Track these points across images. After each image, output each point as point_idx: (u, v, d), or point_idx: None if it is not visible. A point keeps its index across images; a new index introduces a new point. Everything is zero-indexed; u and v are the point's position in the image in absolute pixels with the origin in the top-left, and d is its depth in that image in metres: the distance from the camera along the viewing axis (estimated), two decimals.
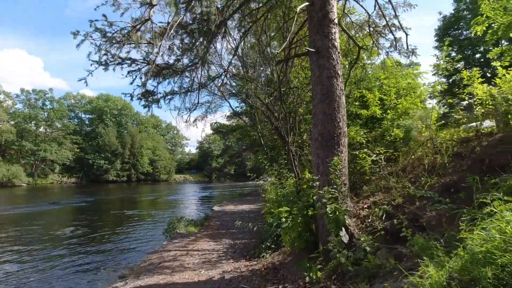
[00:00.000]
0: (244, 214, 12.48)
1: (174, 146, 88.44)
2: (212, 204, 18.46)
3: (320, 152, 4.76)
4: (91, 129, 69.86)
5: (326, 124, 4.75)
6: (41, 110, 62.09)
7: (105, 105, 70.11)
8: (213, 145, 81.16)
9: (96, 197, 27.04)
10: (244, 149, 33.28)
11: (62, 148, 61.26)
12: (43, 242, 9.85)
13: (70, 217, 15.69)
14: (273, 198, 7.09)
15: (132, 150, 66.68)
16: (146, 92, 5.81)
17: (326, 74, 4.84)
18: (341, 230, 4.14)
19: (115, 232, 11.33)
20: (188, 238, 7.90)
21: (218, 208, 14.50)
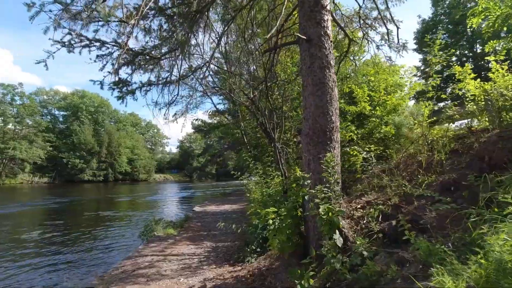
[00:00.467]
0: (226, 214, 12.00)
1: (154, 145, 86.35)
2: (193, 204, 17.80)
3: (311, 148, 4.39)
4: (66, 126, 66.73)
5: (318, 118, 4.39)
6: (10, 106, 58.50)
7: (81, 102, 67.31)
8: (194, 144, 79.88)
9: (68, 198, 25.59)
10: (226, 148, 32.70)
11: (33, 146, 58.08)
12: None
13: (38, 220, 14.58)
14: (258, 198, 6.68)
15: (110, 149, 64.45)
16: (119, 81, 5.23)
17: (318, 64, 4.48)
18: (335, 232, 3.79)
19: (86, 236, 10.53)
20: (166, 241, 7.34)
21: (199, 208, 13.92)
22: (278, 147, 6.39)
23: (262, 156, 12.46)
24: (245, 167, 17.76)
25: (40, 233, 11.09)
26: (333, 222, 3.72)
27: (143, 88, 5.64)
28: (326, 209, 3.75)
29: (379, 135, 6.78)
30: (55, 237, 10.42)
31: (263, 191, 6.48)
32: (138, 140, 73.21)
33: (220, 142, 33.10)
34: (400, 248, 3.50)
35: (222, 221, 6.53)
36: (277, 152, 6.48)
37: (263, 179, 6.80)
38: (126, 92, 5.47)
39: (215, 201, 17.63)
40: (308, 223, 4.39)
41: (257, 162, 8.44)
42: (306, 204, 4.39)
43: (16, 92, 59.98)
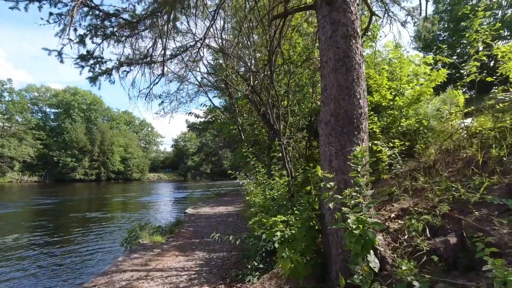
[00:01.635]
0: (221, 218, 10.97)
1: (148, 143, 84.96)
2: (186, 205, 16.72)
3: (333, 140, 3.39)
4: (57, 124, 65.14)
5: (342, 102, 3.40)
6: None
7: (73, 99, 65.84)
8: (189, 143, 78.59)
9: (57, 198, 24.31)
10: (221, 147, 31.58)
11: (22, 144, 56.52)
12: None
13: (18, 222, 13.39)
14: (260, 201, 5.67)
15: (102, 147, 63.09)
16: (88, 54, 4.18)
17: (342, 32, 3.49)
18: (369, 253, 2.81)
19: (66, 241, 9.43)
20: (151, 252, 6.29)
21: (192, 210, 12.85)
22: (283, 141, 5.39)
23: (261, 154, 11.46)
24: (242, 166, 16.75)
25: (16, 237, 9.96)
26: (368, 239, 2.73)
27: (121, 68, 4.62)
28: (358, 221, 2.76)
29: (401, 128, 5.83)
30: (31, 242, 9.32)
31: (266, 193, 5.48)
32: (131, 139, 71.81)
33: (215, 141, 31.96)
34: (464, 277, 2.53)
35: (216, 231, 5.53)
36: (282, 148, 5.48)
37: (265, 180, 5.79)
38: (100, 73, 4.44)
39: (209, 202, 16.56)
40: (328, 238, 3.39)
41: (258, 160, 7.46)
42: (327, 213, 3.39)
43: (5, 88, 58.44)
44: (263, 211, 5.60)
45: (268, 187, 5.65)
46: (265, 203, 5.40)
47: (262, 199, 5.46)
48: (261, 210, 5.66)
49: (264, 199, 5.35)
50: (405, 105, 6.08)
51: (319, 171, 3.10)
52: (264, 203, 5.45)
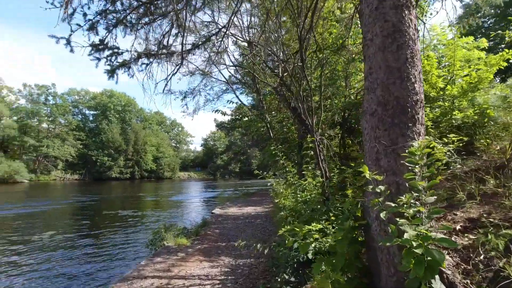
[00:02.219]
0: (249, 219, 10.54)
1: (178, 143, 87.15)
2: (214, 205, 16.55)
3: (382, 134, 2.77)
4: (95, 125, 68.78)
5: (392, 87, 2.76)
6: (44, 106, 61.10)
7: (109, 101, 69.09)
8: (218, 142, 79.53)
9: (93, 196, 25.45)
10: (250, 145, 31.29)
11: (65, 144, 60.37)
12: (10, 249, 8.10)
13: (55, 219, 13.94)
14: (290, 204, 5.13)
15: (136, 147, 65.60)
16: (101, 43, 3.89)
17: (391, 2, 2.86)
18: (435, 278, 2.17)
19: (96, 239, 9.52)
20: (175, 255, 5.98)
21: (219, 211, 12.57)
22: (317, 138, 4.80)
23: (291, 153, 10.87)
24: (270, 165, 16.24)
25: (51, 235, 10.26)
26: (433, 260, 2.10)
27: (139, 60, 4.30)
28: (419, 236, 2.14)
29: (455, 122, 4.99)
30: (64, 240, 9.52)
31: (297, 196, 4.93)
32: (163, 138, 74.01)
33: (243, 139, 31.74)
34: None
35: (243, 234, 5.06)
36: (315, 145, 4.89)
37: (296, 180, 5.23)
38: (117, 65, 4.16)
39: (237, 202, 16.25)
40: (376, 253, 2.78)
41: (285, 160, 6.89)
42: (373, 223, 2.78)
43: (50, 92, 62.62)
44: (294, 215, 5.05)
45: (299, 189, 5.09)
46: (296, 206, 4.85)
47: (293, 202, 4.91)
48: (291, 214, 5.12)
49: (296, 202, 4.80)
50: (459, 95, 5.21)
51: (366, 172, 2.49)
52: (295, 207, 4.90)
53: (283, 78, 5.68)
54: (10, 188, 34.84)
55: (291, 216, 5.20)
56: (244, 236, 7.66)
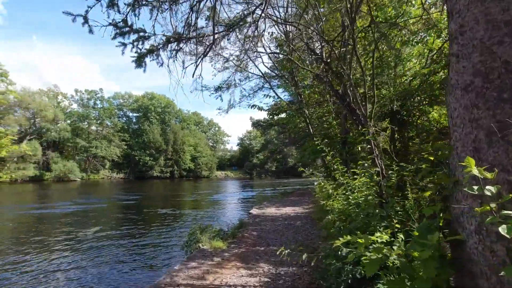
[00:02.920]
0: (288, 220, 9.87)
1: (215, 142, 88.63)
2: (251, 205, 16.13)
3: (483, 115, 1.99)
4: (138, 126, 72.21)
5: (498, 48, 1.97)
6: (93, 109, 65.49)
7: (150, 103, 72.08)
8: (254, 142, 79.56)
9: (136, 194, 26.51)
10: (286, 144, 30.53)
11: (111, 145, 64.10)
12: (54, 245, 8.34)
13: (99, 217, 14.47)
14: (339, 207, 4.40)
15: (175, 146, 67.68)
16: (125, 25, 3.50)
17: None
18: None
19: (132, 239, 9.52)
20: (210, 260, 5.54)
21: (257, 211, 12.06)
22: (371, 130, 4.03)
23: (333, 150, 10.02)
24: (310, 163, 15.43)
25: (91, 233, 10.48)
26: None
27: (169, 45, 3.89)
28: None
29: None
30: (100, 239, 9.63)
31: (348, 197, 4.20)
32: (200, 138, 75.64)
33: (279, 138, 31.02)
34: None
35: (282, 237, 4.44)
36: (372, 138, 4.10)
37: (346, 180, 4.49)
38: (145, 52, 3.78)
39: (274, 202, 15.65)
40: (472, 279, 2.01)
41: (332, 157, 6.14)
42: (472, 238, 2.01)
43: (98, 96, 67.02)
44: (344, 219, 4.32)
45: (350, 189, 4.35)
46: (347, 210, 4.12)
47: (344, 204, 4.19)
48: (341, 218, 4.39)
49: (347, 205, 4.08)
50: None
51: (473, 165, 1.73)
52: (345, 210, 4.17)
53: (329, 62, 4.95)
54: (65, 186, 37.68)
55: (340, 221, 4.47)
56: (284, 240, 7.04)
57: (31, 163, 50.98)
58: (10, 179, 46.36)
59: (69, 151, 61.77)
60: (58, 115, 58.08)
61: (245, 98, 11.40)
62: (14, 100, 51.71)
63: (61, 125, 59.22)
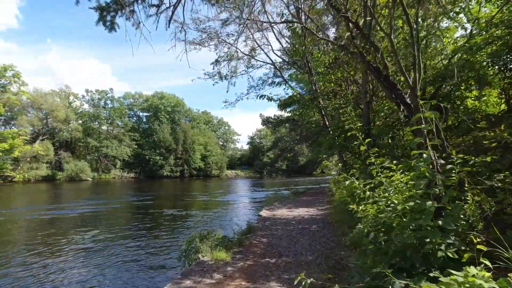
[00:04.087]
0: (303, 224, 8.78)
1: (225, 141, 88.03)
2: (260, 206, 15.09)
3: None
4: (148, 126, 72.21)
5: None
6: (103, 109, 65.70)
7: (160, 103, 71.99)
8: (265, 140, 78.56)
9: (146, 194, 25.92)
10: (298, 141, 29.34)
11: (122, 144, 64.15)
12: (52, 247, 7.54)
13: (103, 218, 13.76)
14: (383, 217, 3.27)
15: (185, 146, 67.35)
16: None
17: None
18: None
19: (130, 244, 8.64)
20: (209, 278, 4.51)
21: (267, 213, 11.00)
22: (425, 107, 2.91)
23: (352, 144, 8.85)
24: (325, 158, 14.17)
25: (91, 236, 9.73)
26: None
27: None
28: None
29: None
30: (100, 242, 8.81)
31: (391, 201, 3.10)
32: (210, 137, 75.09)
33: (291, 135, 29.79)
34: None
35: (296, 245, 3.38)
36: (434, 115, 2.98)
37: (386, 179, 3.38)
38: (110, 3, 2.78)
39: (286, 203, 14.54)
40: None
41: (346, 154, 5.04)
42: None
43: (108, 96, 67.22)
44: (384, 230, 3.22)
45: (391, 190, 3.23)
46: (389, 219, 3.01)
47: (384, 211, 3.09)
48: (378, 229, 3.29)
49: (391, 211, 2.97)
50: None
51: None
52: (386, 219, 3.05)
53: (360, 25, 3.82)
54: (77, 186, 37.55)
55: (376, 231, 3.37)
56: (299, 249, 5.96)
57: (44, 163, 51.43)
58: (23, 179, 46.76)
59: (81, 151, 62.20)
60: (70, 115, 58.47)
61: (253, 90, 10.38)
62: (27, 100, 52.34)
63: (73, 125, 59.63)
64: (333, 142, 8.40)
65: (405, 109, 3.11)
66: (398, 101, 3.19)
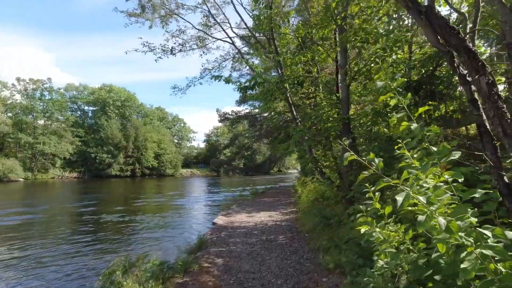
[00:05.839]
0: (267, 234, 7.28)
1: (181, 139, 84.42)
2: (217, 208, 13.34)
3: None
4: (94, 121, 66.20)
5: None
6: (39, 101, 58.41)
7: (108, 96, 66.49)
8: (222, 138, 76.82)
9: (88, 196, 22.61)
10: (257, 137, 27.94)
11: (62, 141, 57.66)
12: None
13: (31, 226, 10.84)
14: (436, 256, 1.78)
15: (136, 143, 63.12)
16: None
17: None
18: None
19: (37, 264, 6.37)
20: None
21: (223, 219, 9.35)
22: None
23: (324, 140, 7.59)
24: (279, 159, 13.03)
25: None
26: None
27: None
28: None
29: None
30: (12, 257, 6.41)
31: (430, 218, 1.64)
32: (164, 135, 71.36)
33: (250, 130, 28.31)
34: None
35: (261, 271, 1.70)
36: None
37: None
38: None
39: (245, 205, 12.97)
40: None
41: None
42: None
43: (45, 87, 59.83)
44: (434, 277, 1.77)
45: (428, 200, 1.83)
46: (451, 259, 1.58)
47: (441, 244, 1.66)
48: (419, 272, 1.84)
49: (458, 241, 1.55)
50: None
51: None
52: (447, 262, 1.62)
53: None
54: (3, 188, 32.06)
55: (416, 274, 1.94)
56: (266, 276, 4.43)
57: None
58: None
59: (11, 147, 54.47)
60: None
61: (208, 73, 8.66)
62: None
63: (0, 118, 51.88)
64: (302, 134, 7.07)
65: (464, 59, 1.75)
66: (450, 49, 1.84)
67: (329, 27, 6.24)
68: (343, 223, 5.18)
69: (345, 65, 6.02)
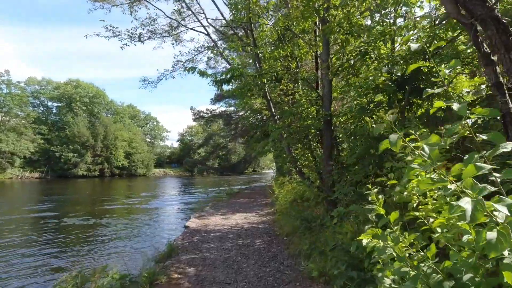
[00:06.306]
0: (244, 238, 6.83)
1: (153, 138, 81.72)
2: (190, 210, 12.67)
3: None
4: (59, 118, 62.15)
5: None
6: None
7: (75, 92, 62.77)
8: (196, 137, 75.29)
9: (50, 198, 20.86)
10: (233, 136, 27.34)
11: (22, 138, 53.60)
12: None
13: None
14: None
15: (106, 142, 60.16)
16: None
17: None
18: None
19: None
20: None
21: (196, 222, 8.78)
22: None
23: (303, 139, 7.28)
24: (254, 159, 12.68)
25: None
26: None
27: None
28: None
29: None
30: None
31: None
32: (136, 133, 68.67)
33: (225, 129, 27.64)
34: None
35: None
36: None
37: None
38: None
39: (220, 207, 12.42)
40: None
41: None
42: None
43: (3, 80, 55.37)
44: None
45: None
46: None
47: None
48: None
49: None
50: None
51: None
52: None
53: None
54: None
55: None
56: (243, 285, 4.00)
57: None
58: None
59: None
60: None
61: (181, 65, 8.04)
62: None
63: None
64: (281, 132, 6.72)
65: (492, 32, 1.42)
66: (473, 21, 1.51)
67: (311, 19, 5.94)
68: (325, 226, 4.87)
69: (327, 59, 5.75)
